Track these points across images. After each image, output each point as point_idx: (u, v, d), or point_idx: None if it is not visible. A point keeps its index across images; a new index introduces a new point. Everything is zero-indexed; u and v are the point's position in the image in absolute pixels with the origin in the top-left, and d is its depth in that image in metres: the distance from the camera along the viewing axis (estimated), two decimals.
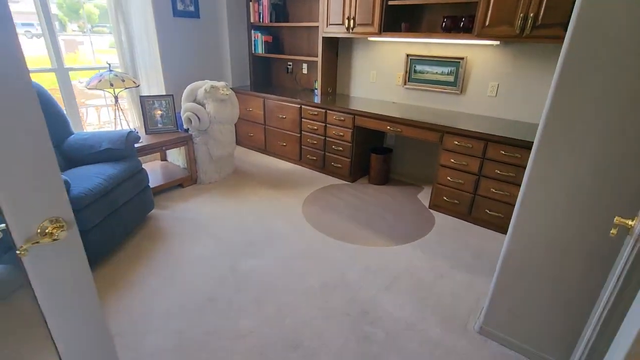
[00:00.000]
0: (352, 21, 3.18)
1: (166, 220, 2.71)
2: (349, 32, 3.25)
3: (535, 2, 2.28)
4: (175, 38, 3.73)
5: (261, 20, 4.02)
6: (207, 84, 3.05)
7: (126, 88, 2.86)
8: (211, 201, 3.03)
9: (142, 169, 2.57)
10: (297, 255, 2.32)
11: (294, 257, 2.31)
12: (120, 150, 2.42)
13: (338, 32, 3.34)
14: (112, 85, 2.75)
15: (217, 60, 4.19)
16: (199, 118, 3.05)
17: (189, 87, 3.13)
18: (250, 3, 4.01)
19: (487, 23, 2.50)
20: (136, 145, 2.73)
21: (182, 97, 3.14)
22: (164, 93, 3.68)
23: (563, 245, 1.36)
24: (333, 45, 3.69)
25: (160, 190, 3.12)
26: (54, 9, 2.93)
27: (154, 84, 3.65)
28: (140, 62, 3.53)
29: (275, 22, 3.95)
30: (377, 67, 3.53)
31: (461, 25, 2.75)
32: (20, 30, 4.82)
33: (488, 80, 2.91)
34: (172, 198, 3.06)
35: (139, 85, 2.99)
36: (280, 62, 4.35)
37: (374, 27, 3.06)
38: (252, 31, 4.16)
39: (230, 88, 4.12)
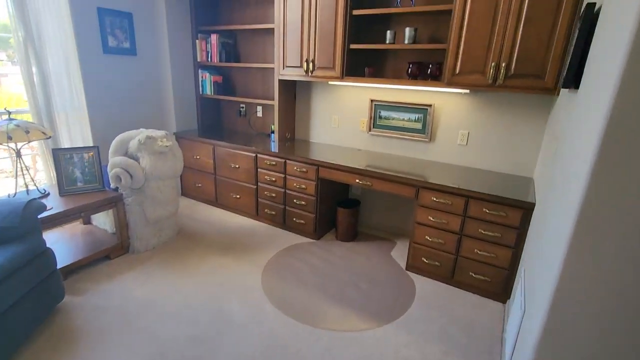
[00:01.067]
0: (311, 64, 2.91)
1: (81, 312, 2.07)
2: (308, 76, 2.97)
3: (506, 52, 2.16)
4: (105, 77, 3.19)
5: (209, 59, 3.64)
6: (142, 134, 2.54)
7: (30, 142, 2.26)
8: (146, 277, 2.43)
9: (47, 249, 1.95)
10: (259, 355, 1.82)
11: (254, 359, 1.80)
12: (13, 229, 1.80)
13: (296, 75, 3.05)
14: (10, 138, 2.14)
15: (158, 103, 3.68)
16: (130, 175, 2.50)
17: (117, 139, 2.59)
18: (197, 41, 3.63)
19: (457, 71, 2.35)
20: (42, 215, 2.11)
21: (110, 151, 2.58)
22: (90, 143, 3.08)
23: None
24: (290, 88, 3.39)
25: (79, 266, 2.46)
26: None
27: (77, 133, 3.04)
28: (58, 105, 2.93)
29: (226, 62, 3.59)
30: (340, 111, 3.27)
31: (428, 72, 2.59)
32: None
33: (458, 129, 2.75)
34: (94, 277, 2.42)
35: (50, 137, 2.39)
36: (231, 104, 3.95)
37: (335, 71, 2.81)
38: (200, 70, 3.76)
39: (174, 133, 3.63)
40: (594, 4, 1.42)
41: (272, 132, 3.47)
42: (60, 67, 2.88)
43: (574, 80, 1.45)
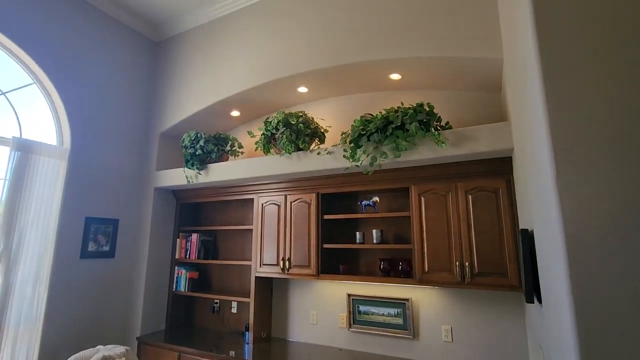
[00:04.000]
0: (287, 262, 3.01)
1: None
2: (284, 273, 3.02)
3: (466, 252, 2.36)
4: (75, 282, 3.10)
5: (188, 256, 3.71)
6: (99, 353, 2.28)
7: None
8: None
9: None
10: None
11: None
12: None
13: (273, 272, 3.09)
14: None
15: (125, 304, 3.49)
16: None
17: None
18: (178, 240, 3.79)
19: (426, 269, 2.47)
20: None
21: None
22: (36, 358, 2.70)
23: None
24: (267, 283, 3.37)
25: None
26: None
27: (22, 352, 2.69)
28: (11, 319, 2.69)
29: (204, 259, 3.66)
30: (318, 307, 3.18)
31: (399, 268, 2.71)
32: None
33: (440, 324, 2.67)
34: None
35: None
36: (205, 300, 3.79)
37: (311, 269, 2.90)
38: (176, 267, 3.76)
39: (137, 338, 3.30)
40: (527, 229, 1.67)
41: (247, 329, 3.22)
42: (30, 275, 2.82)
43: (534, 294, 1.54)
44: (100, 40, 3.49)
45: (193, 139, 3.30)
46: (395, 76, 2.82)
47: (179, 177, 3.51)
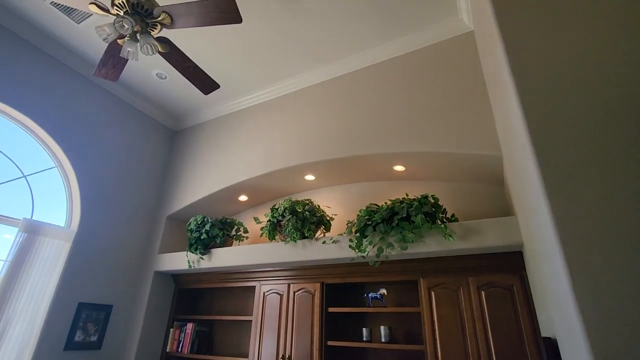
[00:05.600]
0: None
1: None
2: None
3: (485, 358, 2.14)
4: None
5: (180, 350, 3.41)
6: None
7: None
8: None
9: None
10: None
11: None
12: None
13: None
14: None
15: None
16: None
17: None
18: (172, 330, 3.53)
19: None
20: None
21: None
22: None
23: None
24: None
25: None
26: None
27: None
28: None
29: (197, 352, 3.36)
30: None
31: None
32: None
33: None
34: None
35: None
36: None
37: None
38: None
39: None
40: (550, 337, 1.55)
41: None
42: None
43: None
44: (124, 129, 3.77)
45: (200, 223, 3.32)
46: (399, 167, 2.93)
47: (180, 261, 3.43)
